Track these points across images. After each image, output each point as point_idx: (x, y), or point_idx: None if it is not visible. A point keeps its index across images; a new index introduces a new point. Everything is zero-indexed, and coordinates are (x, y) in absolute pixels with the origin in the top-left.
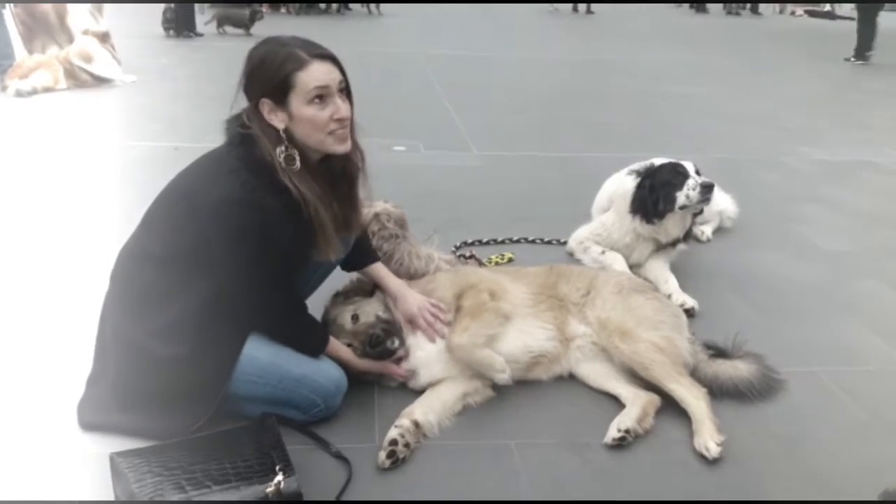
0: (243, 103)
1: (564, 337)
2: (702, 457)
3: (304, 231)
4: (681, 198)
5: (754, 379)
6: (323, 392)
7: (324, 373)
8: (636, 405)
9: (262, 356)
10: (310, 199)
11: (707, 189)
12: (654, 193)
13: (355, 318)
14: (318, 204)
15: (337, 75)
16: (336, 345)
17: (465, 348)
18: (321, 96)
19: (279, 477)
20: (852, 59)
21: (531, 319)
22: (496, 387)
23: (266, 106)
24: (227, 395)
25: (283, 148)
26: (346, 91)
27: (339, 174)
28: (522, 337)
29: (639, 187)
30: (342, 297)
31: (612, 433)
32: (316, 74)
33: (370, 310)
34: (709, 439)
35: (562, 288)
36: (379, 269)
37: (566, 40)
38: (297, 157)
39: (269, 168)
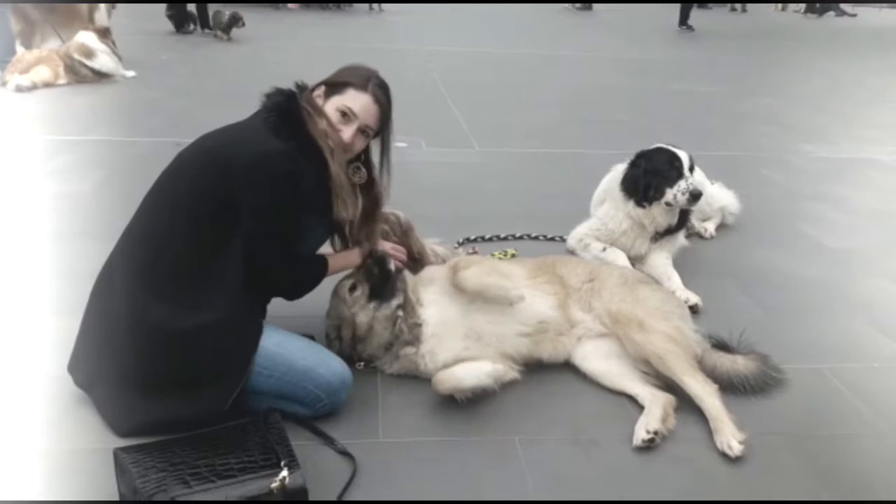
0: None
1: (568, 320)
2: (724, 455)
3: (327, 195)
4: (669, 195)
5: (750, 375)
6: (326, 387)
7: (328, 366)
8: (657, 405)
9: (267, 345)
10: (334, 156)
11: (694, 198)
12: (647, 178)
13: (353, 287)
14: (340, 170)
15: (371, 119)
16: (335, 258)
17: (473, 276)
18: (346, 115)
19: (284, 472)
20: (681, 28)
21: (530, 290)
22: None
23: (320, 89)
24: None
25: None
26: (369, 136)
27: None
28: (526, 301)
29: (632, 166)
30: (350, 281)
31: (641, 435)
32: (357, 101)
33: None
34: (731, 438)
35: (560, 269)
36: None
37: (569, 37)
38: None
39: (304, 129)
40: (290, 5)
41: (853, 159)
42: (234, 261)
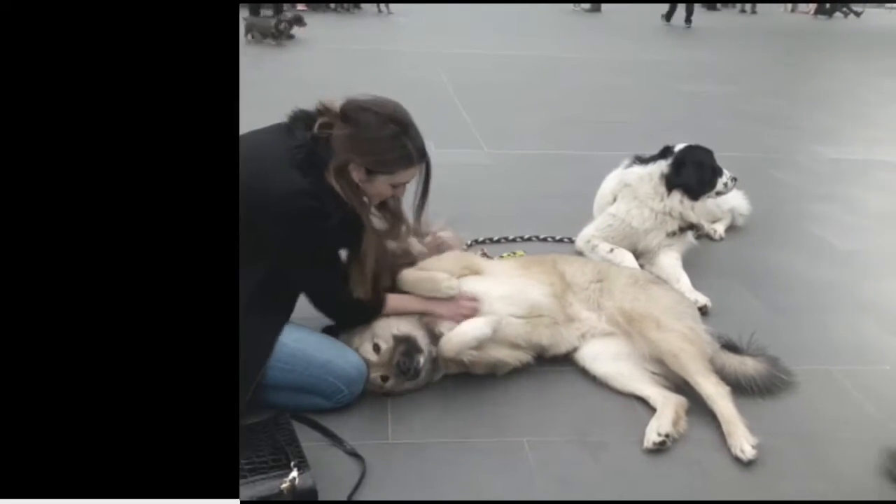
0: None
1: (565, 312)
2: (736, 459)
3: (352, 236)
4: (719, 184)
5: (759, 377)
6: (346, 378)
7: (346, 358)
8: (668, 408)
9: (288, 342)
10: (365, 220)
11: (734, 182)
12: (704, 171)
13: (376, 347)
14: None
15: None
16: (396, 300)
17: (406, 275)
18: (398, 187)
19: (294, 473)
20: (685, 25)
21: (522, 279)
22: (508, 382)
23: (360, 170)
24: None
25: (362, 199)
26: None
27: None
28: (516, 285)
29: (680, 163)
30: (380, 372)
31: (653, 437)
32: (409, 175)
33: (385, 331)
34: (744, 441)
35: (561, 266)
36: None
37: (577, 39)
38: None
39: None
40: (298, 6)
41: (863, 160)
42: (250, 283)
